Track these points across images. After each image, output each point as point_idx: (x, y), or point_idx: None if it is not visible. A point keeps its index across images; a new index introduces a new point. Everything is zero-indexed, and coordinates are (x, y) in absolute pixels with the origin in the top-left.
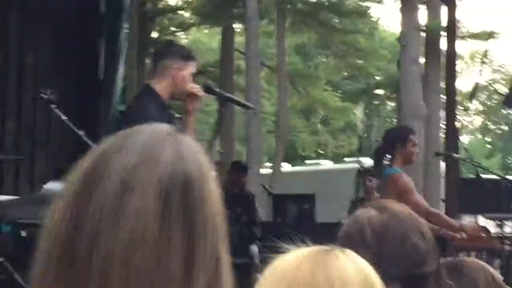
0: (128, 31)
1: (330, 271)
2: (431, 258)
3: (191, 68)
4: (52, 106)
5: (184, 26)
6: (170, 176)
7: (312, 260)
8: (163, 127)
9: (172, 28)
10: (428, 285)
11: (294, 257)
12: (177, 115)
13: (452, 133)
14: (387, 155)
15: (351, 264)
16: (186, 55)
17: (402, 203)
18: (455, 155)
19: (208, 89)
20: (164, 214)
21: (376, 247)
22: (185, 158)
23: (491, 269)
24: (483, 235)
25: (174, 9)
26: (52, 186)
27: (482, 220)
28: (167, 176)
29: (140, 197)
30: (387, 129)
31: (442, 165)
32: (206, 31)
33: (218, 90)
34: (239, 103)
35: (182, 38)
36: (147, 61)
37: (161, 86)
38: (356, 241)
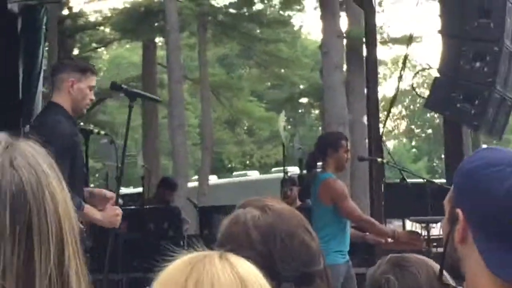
0: (47, 48)
1: (202, 275)
2: (319, 256)
3: (89, 81)
4: None
5: (105, 42)
6: (5, 191)
7: (187, 264)
8: None
9: (93, 44)
10: (317, 282)
11: (177, 261)
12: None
13: (376, 138)
14: (319, 161)
15: (226, 268)
16: (82, 68)
17: (337, 207)
18: (379, 159)
19: (115, 87)
20: (11, 232)
21: (264, 248)
22: (16, 168)
23: (433, 263)
24: (416, 242)
25: (94, 25)
26: None
27: (408, 224)
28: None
29: None
30: (320, 135)
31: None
32: (127, 46)
33: (124, 87)
34: (146, 97)
35: (104, 54)
36: None
37: (61, 100)
38: (241, 243)
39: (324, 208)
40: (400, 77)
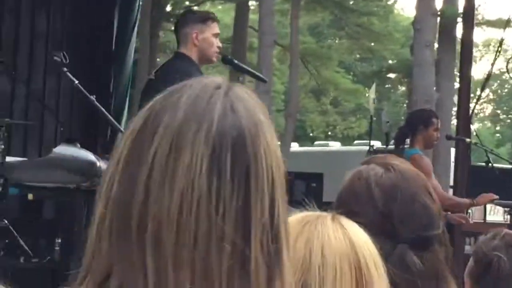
0: (142, 3)
1: (313, 235)
2: (438, 220)
3: (212, 29)
4: (64, 69)
5: (198, 1)
6: (218, 132)
7: (300, 222)
8: (213, 80)
9: (187, 3)
10: (434, 247)
11: (290, 219)
12: None
13: (465, 119)
14: (408, 137)
15: (338, 231)
16: (203, 18)
17: None
18: (467, 139)
19: (225, 60)
20: (214, 174)
21: (385, 207)
22: (236, 112)
23: None
24: (494, 201)
25: None
26: (62, 149)
27: (488, 208)
28: (215, 133)
29: (188, 157)
30: (411, 111)
31: (452, 151)
32: (220, 6)
33: (235, 61)
34: (253, 75)
35: None
36: (161, 34)
37: (189, 52)
38: (363, 200)
39: None
40: (494, 61)
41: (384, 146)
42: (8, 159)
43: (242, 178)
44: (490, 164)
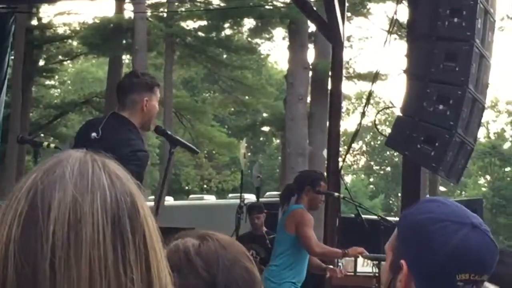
0: (13, 57)
1: None
2: (260, 283)
3: (157, 96)
4: None
5: (72, 55)
6: (113, 200)
7: None
8: (83, 153)
9: (60, 57)
10: None
11: None
12: (55, 147)
13: (334, 172)
14: (294, 195)
15: None
16: (150, 85)
17: (298, 236)
18: (335, 193)
19: (159, 131)
20: (117, 240)
21: (208, 274)
22: (121, 179)
23: None
24: (363, 255)
25: (61, 38)
26: None
27: (360, 261)
28: (111, 200)
29: (90, 228)
30: (302, 171)
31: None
32: (93, 60)
33: (169, 132)
34: (185, 146)
35: (69, 67)
36: (33, 88)
37: (134, 119)
38: (184, 271)
39: (287, 235)
40: (363, 113)
41: (256, 200)
42: None
43: (141, 242)
44: (359, 218)
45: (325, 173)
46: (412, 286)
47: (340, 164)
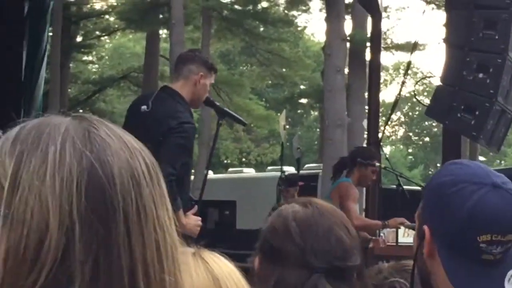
0: (51, 33)
1: None
2: (355, 253)
3: (211, 80)
4: None
5: (109, 31)
6: (148, 155)
7: None
8: (82, 118)
9: (97, 33)
10: (351, 279)
11: None
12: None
13: (374, 143)
14: (346, 168)
15: (200, 266)
16: (211, 66)
17: (340, 206)
18: (376, 163)
19: (208, 103)
20: (162, 197)
21: (301, 240)
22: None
23: None
24: (404, 224)
25: (98, 14)
26: None
27: (401, 231)
28: (147, 156)
29: (146, 189)
30: (357, 147)
31: None
32: (130, 36)
33: (217, 104)
34: (235, 118)
35: (107, 42)
36: (71, 64)
37: (185, 92)
38: (280, 234)
39: None
40: (402, 84)
41: (296, 172)
42: None
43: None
44: (400, 188)
45: (365, 144)
46: (435, 250)
47: (380, 135)
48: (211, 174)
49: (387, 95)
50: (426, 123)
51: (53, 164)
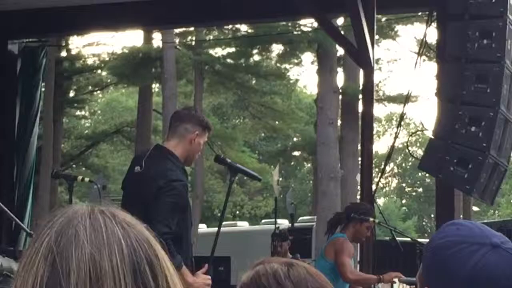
0: (44, 89)
1: None
2: None
3: (205, 138)
4: None
5: (101, 86)
6: (130, 250)
7: None
8: (92, 207)
9: (90, 87)
10: None
11: None
12: (89, 180)
13: (368, 196)
14: (341, 224)
15: None
16: (206, 124)
17: (335, 260)
18: (371, 219)
19: (219, 161)
20: None
21: None
22: (133, 227)
23: None
24: (400, 279)
25: (91, 69)
26: None
27: (396, 285)
28: (128, 251)
29: (111, 284)
30: (353, 203)
31: None
32: (123, 90)
33: (229, 161)
34: (249, 174)
35: (100, 97)
36: (64, 120)
37: (179, 150)
38: None
39: (326, 262)
40: (396, 136)
41: (290, 225)
42: None
43: (164, 286)
44: (394, 242)
45: (359, 197)
46: None
47: (374, 187)
48: (204, 228)
49: (380, 146)
50: (419, 174)
51: (26, 261)
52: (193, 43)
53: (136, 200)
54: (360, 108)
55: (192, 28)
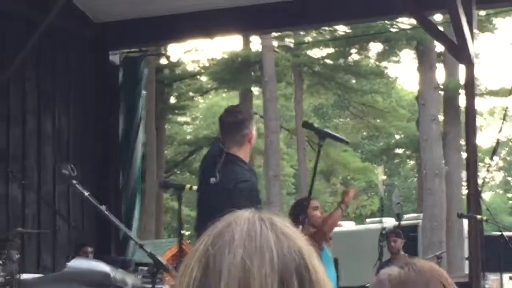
0: (145, 98)
1: None
2: None
3: (255, 125)
4: (74, 181)
5: (202, 91)
6: (281, 260)
7: None
8: (253, 213)
9: (191, 93)
10: None
11: None
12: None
13: (474, 192)
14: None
15: None
16: (251, 117)
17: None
18: (478, 216)
19: (307, 125)
20: None
21: None
22: (288, 237)
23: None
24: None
25: (191, 75)
26: (76, 263)
27: (506, 277)
28: (278, 261)
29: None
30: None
31: (465, 222)
32: (224, 95)
33: (316, 126)
34: (336, 138)
35: (200, 102)
36: (167, 126)
37: (243, 154)
38: None
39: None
40: (500, 130)
41: (397, 224)
42: (24, 276)
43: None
44: (503, 239)
45: (466, 194)
46: None
47: (479, 182)
48: None
49: (482, 140)
50: None
51: (186, 262)
52: (292, 45)
53: (215, 209)
54: (462, 103)
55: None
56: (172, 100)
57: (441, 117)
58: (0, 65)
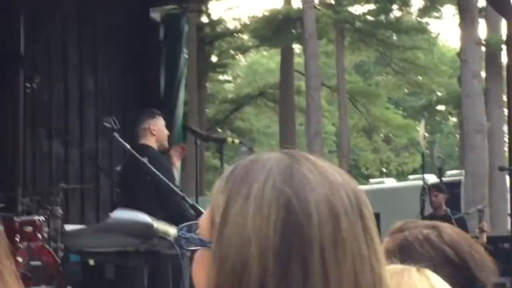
0: (187, 56)
1: (400, 286)
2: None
3: (160, 121)
4: (115, 134)
5: (243, 49)
6: (354, 194)
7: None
8: (299, 152)
9: (231, 51)
10: None
11: None
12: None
13: None
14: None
15: (423, 281)
16: (152, 114)
17: None
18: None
19: (188, 129)
20: (367, 235)
21: (460, 261)
22: (343, 174)
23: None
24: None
25: (232, 33)
26: (119, 214)
27: None
28: (353, 195)
29: (346, 224)
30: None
31: (508, 178)
32: (265, 52)
33: (196, 129)
34: (217, 140)
35: (241, 60)
36: (207, 85)
37: (150, 143)
38: (438, 260)
39: None
40: None
41: (439, 180)
42: (67, 227)
43: (373, 221)
44: None
45: (506, 148)
46: None
47: None
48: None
49: None
50: None
51: (254, 203)
52: (333, 1)
53: None
54: (504, 59)
55: None
56: (213, 58)
57: (483, 73)
58: (41, 22)
